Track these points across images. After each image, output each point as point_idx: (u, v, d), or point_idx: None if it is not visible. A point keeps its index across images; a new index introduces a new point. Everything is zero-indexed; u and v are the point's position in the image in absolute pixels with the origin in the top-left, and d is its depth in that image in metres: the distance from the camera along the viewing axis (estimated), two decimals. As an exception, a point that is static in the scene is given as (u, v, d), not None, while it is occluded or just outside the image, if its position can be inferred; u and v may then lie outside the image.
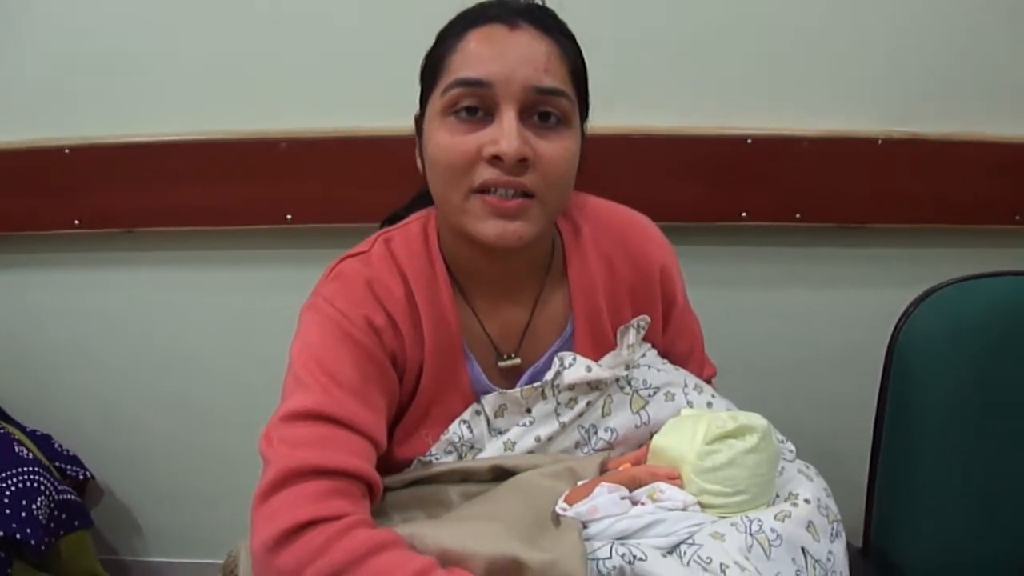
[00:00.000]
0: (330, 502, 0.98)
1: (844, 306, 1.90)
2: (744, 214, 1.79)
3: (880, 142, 1.73)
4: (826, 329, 1.92)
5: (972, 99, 1.76)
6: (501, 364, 1.23)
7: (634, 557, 0.96)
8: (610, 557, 0.96)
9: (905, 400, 1.39)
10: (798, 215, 1.79)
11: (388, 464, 1.15)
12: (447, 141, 1.06)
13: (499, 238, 1.06)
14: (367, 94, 1.75)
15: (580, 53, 1.13)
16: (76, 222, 1.82)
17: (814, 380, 1.91)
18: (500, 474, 1.14)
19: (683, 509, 1.03)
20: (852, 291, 1.89)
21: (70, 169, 1.78)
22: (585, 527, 1.02)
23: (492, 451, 1.17)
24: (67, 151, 1.77)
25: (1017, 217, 1.80)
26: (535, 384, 1.17)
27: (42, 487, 1.78)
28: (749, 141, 1.73)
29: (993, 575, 1.38)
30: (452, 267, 1.20)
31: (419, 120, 1.16)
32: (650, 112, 1.73)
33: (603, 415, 1.19)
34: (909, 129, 1.74)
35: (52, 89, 1.78)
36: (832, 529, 1.07)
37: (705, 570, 0.95)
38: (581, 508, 1.03)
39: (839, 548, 1.07)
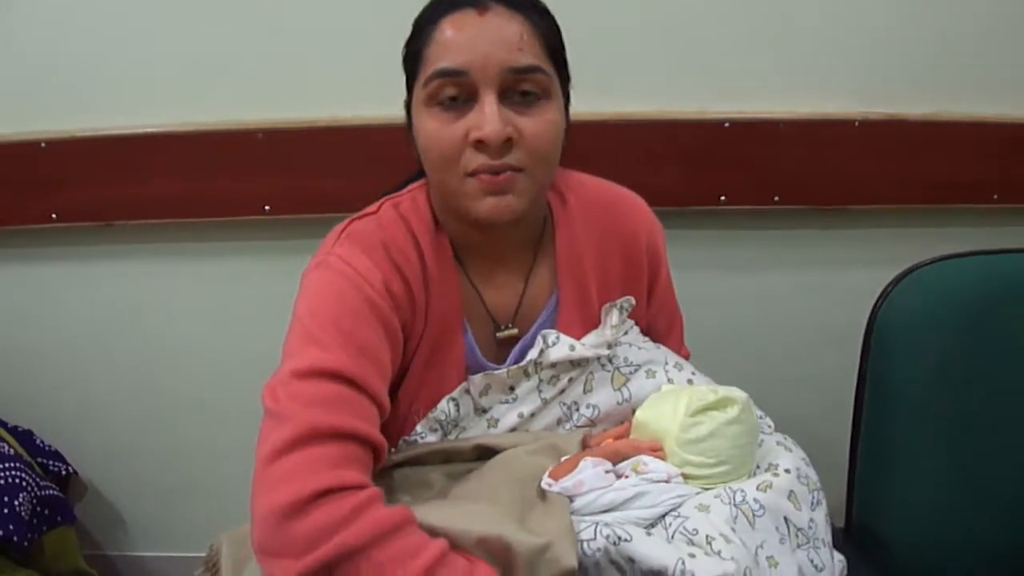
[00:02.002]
0: (351, 470, 0.96)
1: (824, 287, 1.91)
2: (723, 198, 1.79)
3: (857, 124, 1.74)
4: (806, 311, 1.93)
5: (949, 80, 1.76)
6: (499, 335, 1.24)
7: (619, 538, 0.96)
8: (594, 539, 0.97)
9: (884, 379, 1.39)
10: (776, 198, 1.79)
11: None
12: (435, 131, 1.08)
13: (493, 212, 1.09)
14: (345, 84, 1.74)
15: (553, 23, 1.14)
16: (53, 216, 1.81)
17: (795, 362, 1.92)
18: (483, 453, 1.15)
19: (667, 480, 1.04)
20: (831, 272, 1.90)
21: (47, 163, 1.77)
22: (571, 501, 1.03)
23: (476, 430, 1.19)
24: (43, 145, 1.76)
25: (995, 196, 1.81)
26: (520, 364, 1.19)
27: (24, 483, 1.77)
28: (727, 125, 1.73)
29: (974, 551, 1.39)
30: (452, 242, 1.22)
31: (408, 105, 1.17)
32: (628, 97, 1.73)
33: (585, 392, 1.20)
34: (886, 110, 1.75)
35: (26, 83, 1.77)
36: (813, 497, 1.09)
37: (691, 543, 0.96)
38: (567, 483, 1.04)
39: (820, 515, 1.09)
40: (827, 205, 1.83)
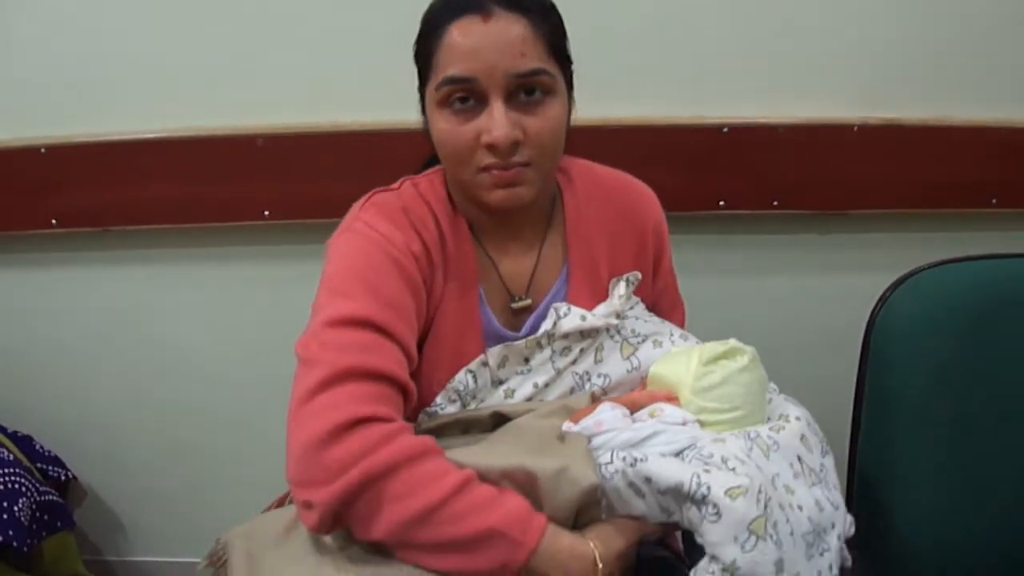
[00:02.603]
0: (379, 405, 1.02)
1: (823, 292, 1.91)
2: (722, 203, 1.80)
3: (856, 128, 1.74)
4: (805, 315, 1.93)
5: (948, 84, 1.77)
6: (514, 305, 1.29)
7: (635, 459, 0.99)
8: (611, 462, 1.00)
9: (883, 383, 1.39)
10: (775, 203, 1.80)
11: None
12: (447, 131, 1.14)
13: (504, 202, 1.16)
14: (345, 89, 1.75)
15: (556, 19, 1.18)
16: (53, 221, 1.82)
17: (794, 365, 1.88)
18: (500, 420, 1.18)
19: (683, 424, 1.07)
20: (830, 277, 1.90)
21: (46, 168, 1.78)
22: (590, 441, 1.06)
23: (493, 400, 1.22)
24: (43, 150, 1.77)
25: (994, 200, 1.81)
26: (535, 336, 1.23)
27: (24, 488, 1.77)
28: (725, 130, 1.74)
29: (974, 553, 1.39)
30: (468, 218, 1.28)
31: (422, 96, 1.22)
32: (626, 102, 1.74)
33: (595, 362, 1.24)
34: (886, 115, 1.75)
35: (27, 89, 1.78)
36: (822, 446, 1.13)
37: (706, 463, 0.98)
38: (587, 422, 1.09)
39: (829, 463, 1.13)
40: (826, 210, 1.83)
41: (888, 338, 1.39)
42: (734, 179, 1.79)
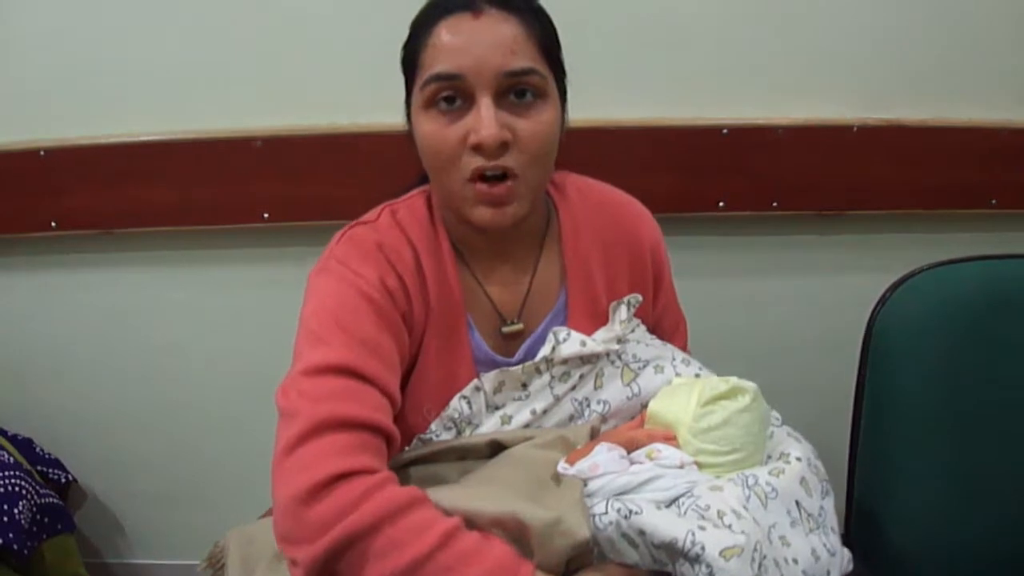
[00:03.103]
0: (361, 456, 0.99)
1: (823, 293, 1.91)
2: (722, 204, 1.79)
3: (855, 129, 1.74)
4: (805, 316, 1.93)
5: (946, 85, 1.77)
6: (505, 330, 1.25)
7: (630, 511, 0.97)
8: (606, 512, 0.98)
9: (882, 385, 1.39)
10: (775, 203, 1.80)
11: None
12: (432, 133, 1.10)
13: (491, 222, 1.12)
14: (343, 91, 1.75)
15: (548, 22, 1.15)
16: (53, 224, 1.82)
17: (793, 368, 1.92)
18: (497, 449, 1.16)
19: (680, 467, 1.05)
20: (830, 278, 1.91)
21: (46, 171, 1.78)
22: (585, 484, 1.04)
23: (489, 426, 1.20)
24: (42, 153, 1.76)
25: (993, 201, 1.82)
26: (533, 361, 1.20)
27: (24, 491, 1.77)
28: (725, 131, 1.74)
29: (974, 558, 1.39)
30: (453, 240, 1.24)
31: (408, 106, 1.19)
32: (626, 104, 1.74)
33: (595, 388, 1.21)
34: (884, 116, 1.75)
35: (25, 91, 1.77)
36: (822, 487, 1.10)
37: (703, 517, 0.96)
38: (582, 465, 1.06)
39: (829, 504, 1.10)
40: (826, 210, 1.83)
41: (888, 339, 1.39)
42: (734, 180, 1.78)
